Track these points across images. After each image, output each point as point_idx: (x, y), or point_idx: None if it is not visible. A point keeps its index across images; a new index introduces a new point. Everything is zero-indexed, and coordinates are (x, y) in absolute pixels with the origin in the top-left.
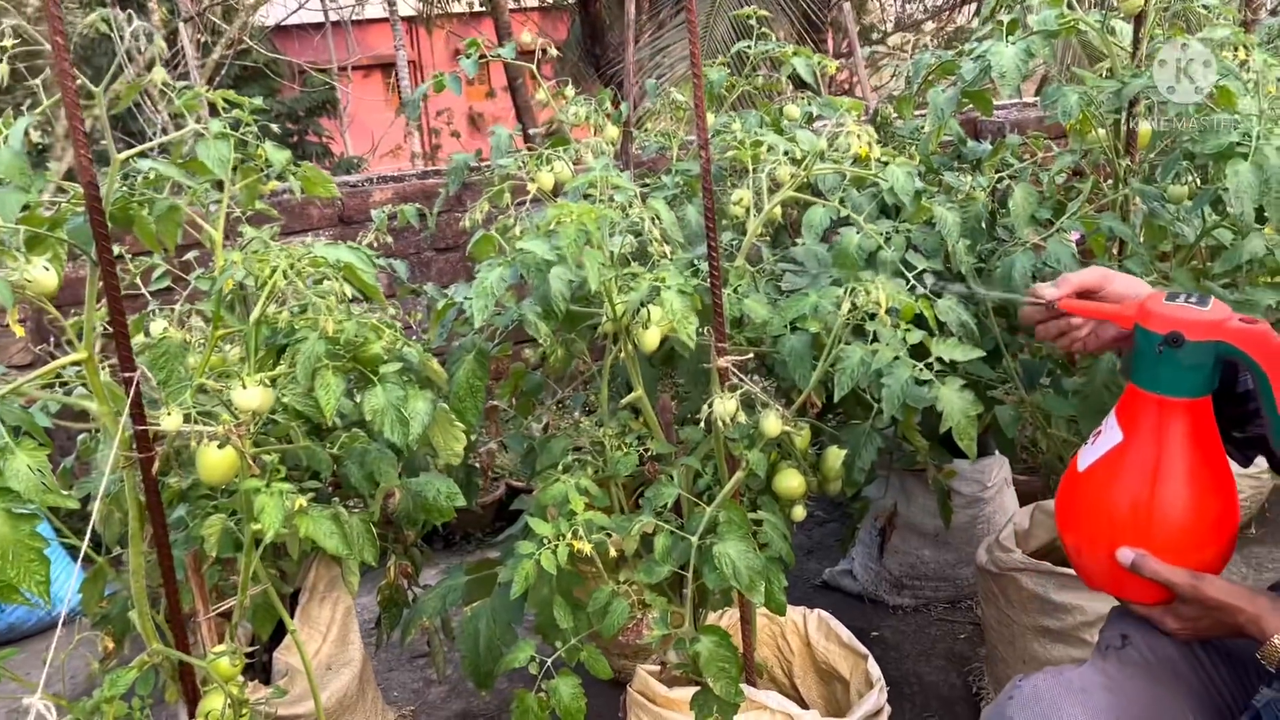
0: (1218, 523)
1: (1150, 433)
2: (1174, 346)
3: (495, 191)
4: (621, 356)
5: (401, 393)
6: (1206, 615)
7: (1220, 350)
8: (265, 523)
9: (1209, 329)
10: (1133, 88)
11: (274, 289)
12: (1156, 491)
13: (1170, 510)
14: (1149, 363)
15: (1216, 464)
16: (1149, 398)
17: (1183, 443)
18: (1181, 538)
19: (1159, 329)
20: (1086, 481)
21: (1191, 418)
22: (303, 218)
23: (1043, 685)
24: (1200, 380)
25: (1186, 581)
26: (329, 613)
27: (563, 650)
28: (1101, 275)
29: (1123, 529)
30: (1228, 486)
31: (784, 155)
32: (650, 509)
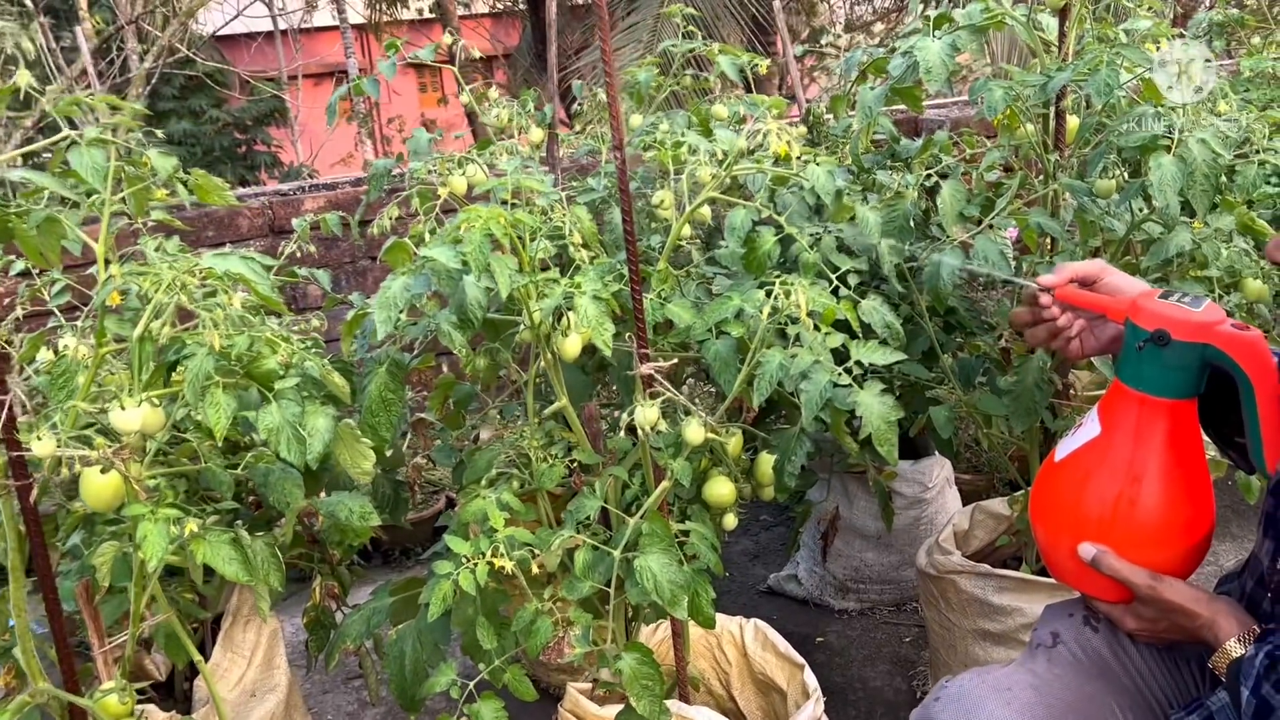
0: (1187, 526)
1: (1128, 430)
2: (1159, 345)
3: (406, 196)
4: (542, 365)
5: (299, 409)
6: (1164, 618)
7: (1207, 354)
8: (147, 551)
9: (1197, 330)
10: (1058, 81)
11: (158, 304)
12: (1126, 489)
13: (1138, 509)
14: (1134, 359)
15: (1193, 468)
16: (1131, 395)
17: (1160, 443)
18: (1146, 537)
19: (1146, 325)
20: (1060, 473)
21: (1172, 419)
22: (232, 229)
23: (967, 685)
24: (1185, 382)
25: (1145, 582)
26: (254, 636)
27: (486, 672)
28: (1100, 267)
29: (1089, 524)
30: (1203, 492)
31: (706, 156)
32: (573, 522)
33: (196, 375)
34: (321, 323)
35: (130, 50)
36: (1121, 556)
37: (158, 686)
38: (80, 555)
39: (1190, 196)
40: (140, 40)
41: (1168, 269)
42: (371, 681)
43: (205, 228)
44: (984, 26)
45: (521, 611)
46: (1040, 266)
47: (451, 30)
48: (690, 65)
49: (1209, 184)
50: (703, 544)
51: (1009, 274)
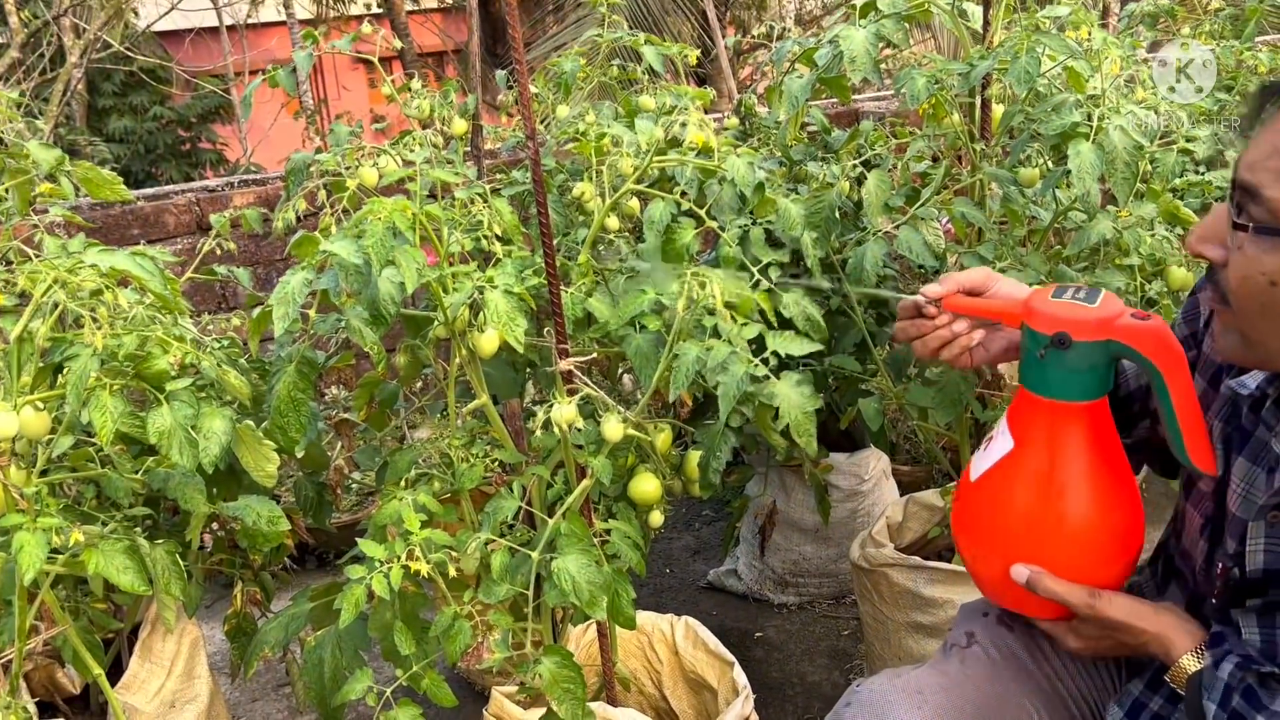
0: (1119, 535)
1: (1042, 440)
2: (1061, 348)
3: (311, 188)
4: (459, 360)
5: (191, 411)
6: (1108, 635)
7: (1112, 349)
8: (23, 562)
9: (1097, 327)
10: (980, 69)
11: (37, 303)
12: (1050, 503)
13: (1066, 523)
14: (1037, 365)
15: (1117, 471)
16: (1040, 402)
17: (1078, 450)
18: (1079, 552)
19: (1044, 329)
20: (978, 492)
21: (1087, 422)
22: (158, 226)
23: (878, 689)
24: (1093, 382)
25: (1084, 600)
26: (174, 646)
27: (404, 678)
28: (986, 275)
29: (1017, 543)
30: (1130, 496)
31: (629, 147)
32: (491, 523)
33: (80, 377)
34: (242, 321)
35: (67, 45)
36: (1056, 574)
37: (73, 700)
38: None
39: (1111, 184)
40: (76, 35)
41: (1094, 257)
42: (299, 688)
43: (129, 225)
44: (908, 15)
45: (441, 615)
46: (967, 257)
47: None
48: (620, 56)
49: (1130, 171)
50: (624, 543)
51: (892, 292)
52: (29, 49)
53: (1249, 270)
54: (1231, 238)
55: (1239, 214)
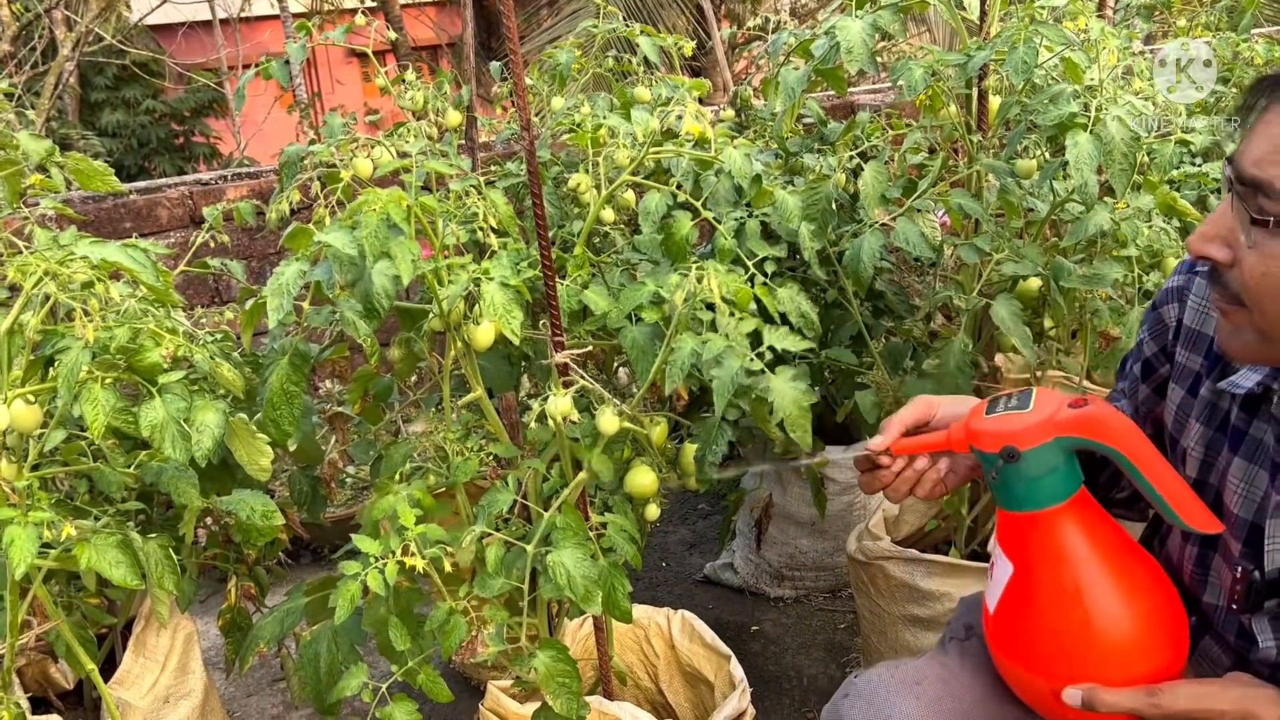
0: (1156, 619)
1: (1037, 554)
2: (1013, 462)
3: (304, 179)
4: (454, 353)
5: (184, 404)
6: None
7: (1063, 445)
8: (14, 557)
9: (1039, 431)
10: (977, 60)
11: (28, 295)
12: (1072, 614)
13: (1096, 628)
14: (999, 484)
15: (1127, 555)
16: (1020, 518)
17: (1077, 551)
18: (1122, 653)
19: (990, 448)
20: (1000, 622)
21: (1074, 521)
22: (151, 220)
23: (877, 679)
24: (1058, 482)
25: (1144, 702)
26: (168, 641)
27: (399, 673)
28: (925, 405)
29: (1057, 665)
30: (1153, 573)
31: (625, 138)
32: (485, 517)
33: (71, 370)
34: (235, 315)
35: (59, 38)
36: (1109, 684)
37: (66, 695)
38: None
39: (1109, 175)
40: (68, 28)
41: (1090, 249)
42: (294, 684)
43: (122, 219)
44: (905, 7)
45: (436, 610)
46: (964, 248)
47: (391, 19)
48: (616, 47)
49: (1127, 162)
50: (620, 536)
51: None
52: (20, 42)
53: (1269, 266)
54: (1247, 235)
55: (1257, 211)
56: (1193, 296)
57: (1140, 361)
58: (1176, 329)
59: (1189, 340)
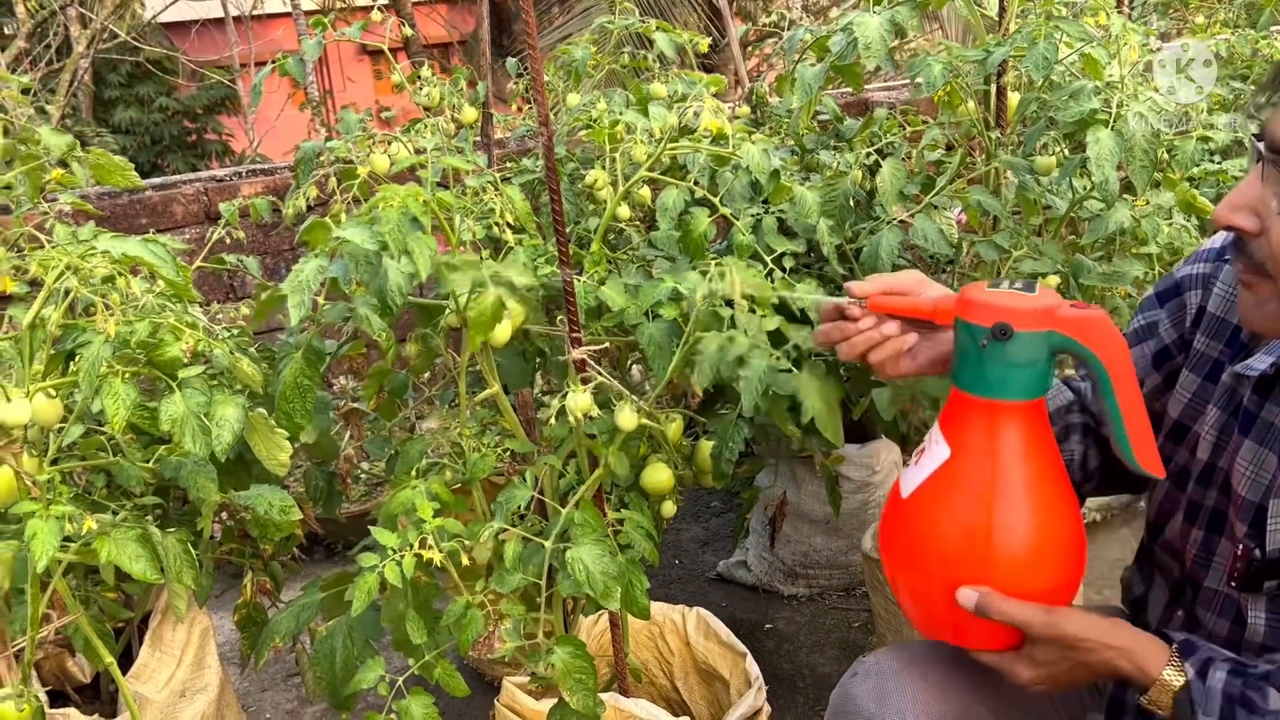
0: (1066, 545)
1: (981, 445)
2: (1001, 339)
3: (322, 175)
4: (470, 351)
5: (204, 398)
6: (1065, 657)
7: (1053, 342)
8: (36, 550)
9: (1039, 318)
10: (997, 56)
11: (50, 289)
12: (995, 514)
13: (1013, 535)
14: (973, 362)
15: (1058, 477)
16: (977, 403)
17: (1019, 454)
18: (1028, 567)
19: (983, 320)
20: (912, 509)
21: (1026, 423)
22: (166, 215)
23: (884, 660)
24: (1033, 378)
25: (1041, 619)
26: (184, 635)
27: (416, 667)
28: (918, 280)
29: (959, 563)
30: (1071, 503)
31: (643, 134)
32: (503, 513)
33: (92, 364)
34: (251, 311)
35: (74, 36)
36: (1003, 594)
37: (83, 689)
38: None
39: (1130, 172)
40: (83, 25)
41: (1109, 246)
42: (309, 679)
43: (137, 215)
44: (923, 3)
45: (453, 605)
46: (982, 245)
47: (403, 16)
48: (630, 43)
49: (1148, 159)
50: (637, 533)
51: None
52: (35, 39)
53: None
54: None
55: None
56: (1220, 284)
57: (1155, 349)
58: (1197, 316)
59: (1211, 327)
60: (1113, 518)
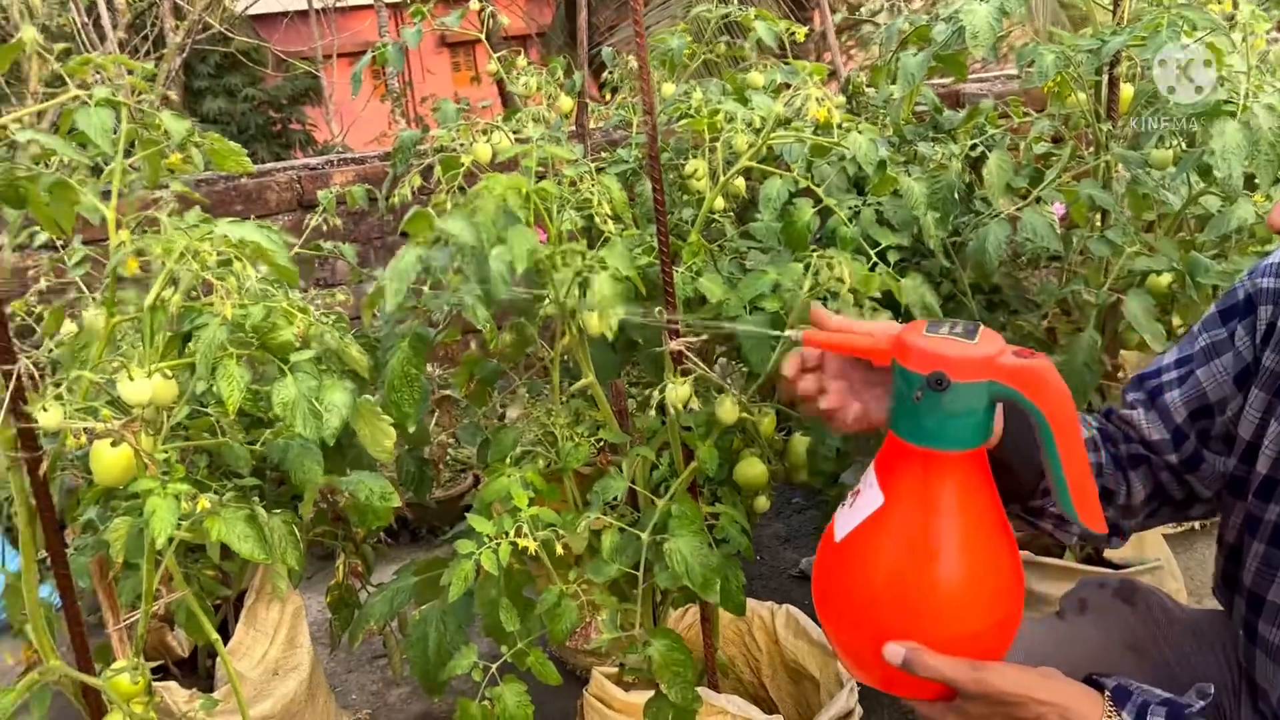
0: (1000, 597)
1: (916, 494)
2: (938, 389)
3: (426, 165)
4: (566, 341)
5: (315, 383)
6: (996, 712)
7: (993, 392)
8: (155, 527)
9: (978, 367)
10: (1112, 45)
11: (170, 272)
12: (926, 567)
13: (943, 590)
14: (909, 409)
15: (996, 530)
16: (912, 451)
17: (956, 506)
18: (959, 620)
19: (919, 368)
20: (845, 556)
21: (965, 474)
22: (260, 202)
23: None
24: (972, 428)
25: (969, 676)
26: (277, 614)
27: (509, 654)
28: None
29: (888, 614)
30: (1012, 555)
31: (742, 124)
32: (599, 503)
33: (209, 346)
34: (347, 298)
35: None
36: (933, 648)
37: (181, 663)
38: (97, 529)
39: (1255, 166)
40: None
41: (1225, 244)
42: (395, 661)
43: (233, 201)
44: None
45: (547, 594)
46: (1090, 241)
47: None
48: (724, 33)
49: (1275, 153)
50: (733, 527)
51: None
52: (133, 31)
53: None
54: None
55: None
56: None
57: (1237, 369)
58: (1267, 332)
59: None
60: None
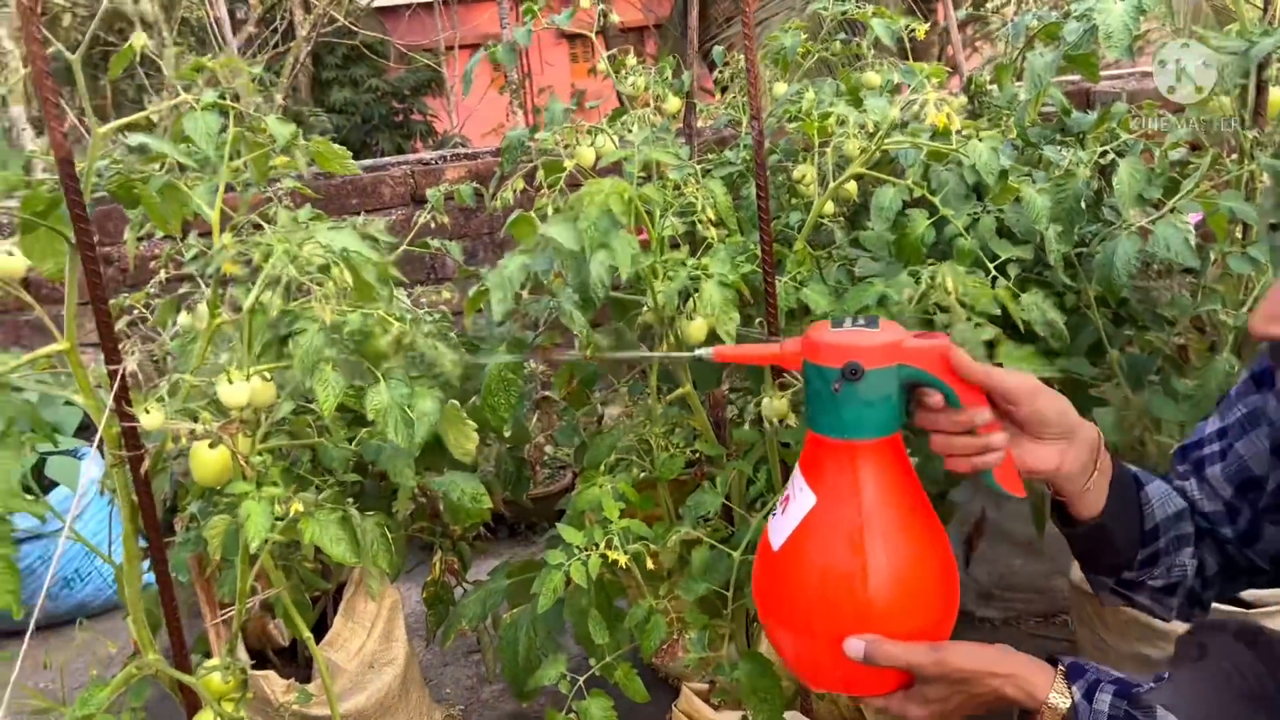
0: (942, 578)
1: (846, 487)
2: (853, 379)
3: (531, 168)
4: (664, 348)
5: (406, 390)
6: (956, 691)
7: (903, 375)
8: (250, 530)
9: (887, 353)
10: (1262, 47)
11: (269, 276)
12: (869, 556)
13: (889, 575)
14: (827, 405)
15: (924, 510)
16: (836, 445)
17: (887, 491)
18: (908, 605)
19: (832, 362)
20: (784, 562)
21: (886, 460)
22: (374, 196)
23: None
24: (888, 414)
25: (929, 659)
26: (374, 607)
27: (597, 668)
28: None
29: (839, 611)
30: (940, 535)
31: (855, 127)
32: (691, 518)
33: (308, 351)
34: (452, 294)
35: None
36: (887, 636)
37: (280, 652)
38: (199, 523)
39: None
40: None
41: None
42: (489, 658)
43: (349, 195)
44: None
45: (636, 608)
46: (1231, 257)
47: None
48: (842, 29)
49: None
50: None
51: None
52: (263, 24)
53: None
54: None
55: None
56: None
57: (1274, 440)
58: None
59: None
60: None
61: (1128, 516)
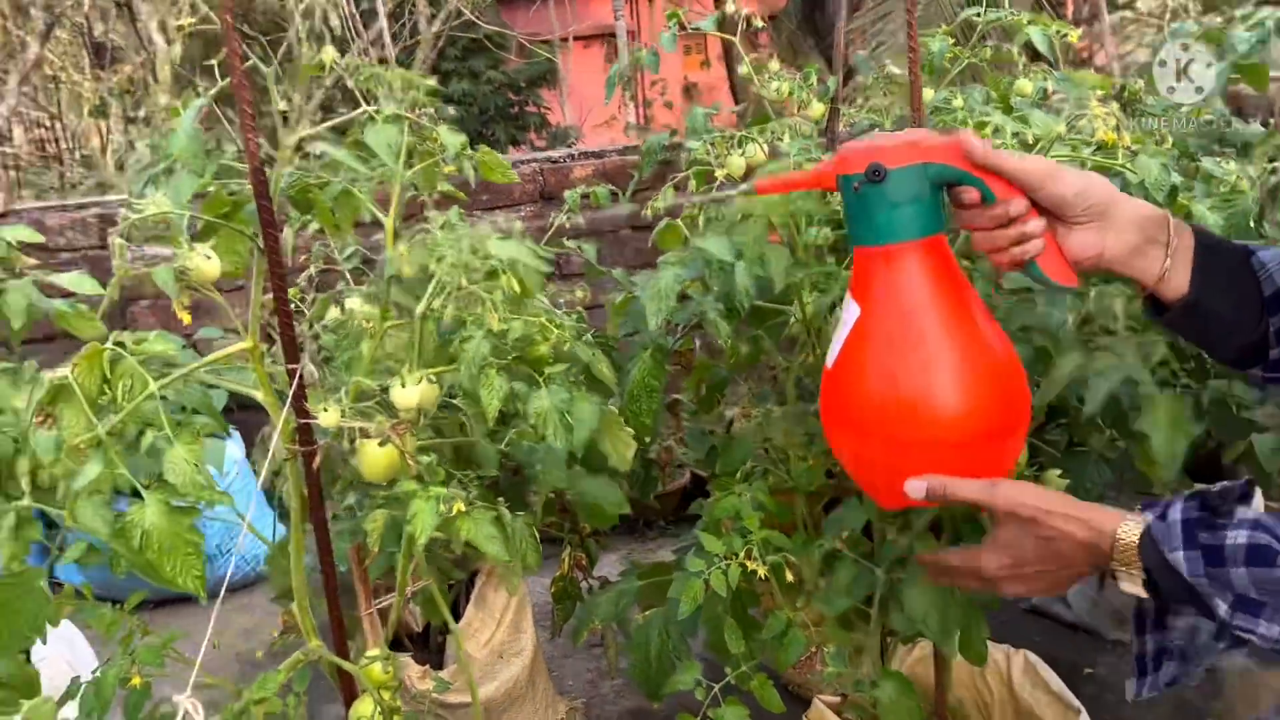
0: (997, 384)
1: (887, 293)
2: (877, 180)
3: (682, 178)
4: (810, 360)
5: (567, 395)
6: (1027, 533)
7: (930, 173)
8: (417, 527)
9: (906, 152)
10: None
11: (440, 283)
12: (912, 356)
13: (934, 377)
14: (862, 215)
15: (974, 314)
16: (874, 253)
17: (925, 294)
18: (960, 410)
19: (857, 168)
20: (838, 376)
21: (927, 262)
22: (505, 193)
23: None
24: (921, 215)
25: (997, 492)
26: (505, 598)
27: (732, 676)
28: None
29: (893, 419)
30: (1000, 341)
31: (1013, 138)
32: (833, 532)
33: (474, 358)
34: (585, 293)
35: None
36: (943, 443)
37: (413, 637)
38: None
39: None
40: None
41: None
42: (611, 654)
43: (480, 192)
44: None
45: (773, 619)
46: None
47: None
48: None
49: None
50: None
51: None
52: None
53: None
54: None
55: None
56: None
57: None
58: None
59: None
60: None
61: (1233, 288)
